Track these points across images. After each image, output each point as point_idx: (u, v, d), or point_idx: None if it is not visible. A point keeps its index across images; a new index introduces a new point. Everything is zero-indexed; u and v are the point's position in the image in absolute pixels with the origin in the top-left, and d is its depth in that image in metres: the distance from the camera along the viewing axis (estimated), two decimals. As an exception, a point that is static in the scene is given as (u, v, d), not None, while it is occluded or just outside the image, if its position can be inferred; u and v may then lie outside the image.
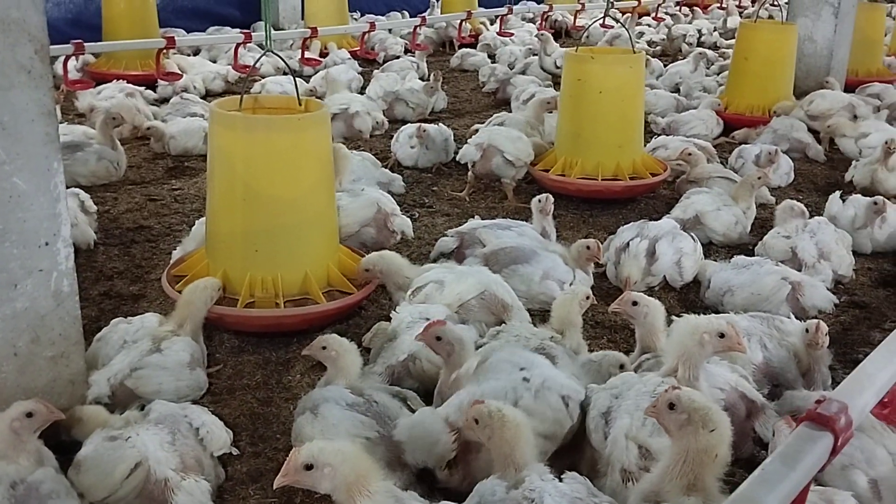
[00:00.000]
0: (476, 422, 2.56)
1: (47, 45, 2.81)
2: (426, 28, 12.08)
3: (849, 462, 2.69)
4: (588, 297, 3.69)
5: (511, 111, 7.81)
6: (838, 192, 5.52)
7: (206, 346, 3.68)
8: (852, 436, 2.16)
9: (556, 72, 9.81)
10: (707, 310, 4.12)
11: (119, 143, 6.20)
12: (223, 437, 2.98)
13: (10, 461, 2.60)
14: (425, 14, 12.63)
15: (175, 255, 4.53)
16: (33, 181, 2.83)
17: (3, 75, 2.69)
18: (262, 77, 8.90)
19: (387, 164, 6.54)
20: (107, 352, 3.47)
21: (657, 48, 12.73)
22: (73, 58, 8.54)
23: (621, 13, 13.69)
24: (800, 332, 3.54)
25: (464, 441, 2.78)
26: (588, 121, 5.90)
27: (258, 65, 4.76)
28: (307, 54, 10.06)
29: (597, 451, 2.82)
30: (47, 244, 2.91)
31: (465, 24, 12.49)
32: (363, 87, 9.04)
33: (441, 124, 6.98)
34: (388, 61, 10.56)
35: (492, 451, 2.56)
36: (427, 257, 4.83)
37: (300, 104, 4.23)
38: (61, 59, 8.10)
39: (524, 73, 9.88)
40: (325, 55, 10.51)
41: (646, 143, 6.55)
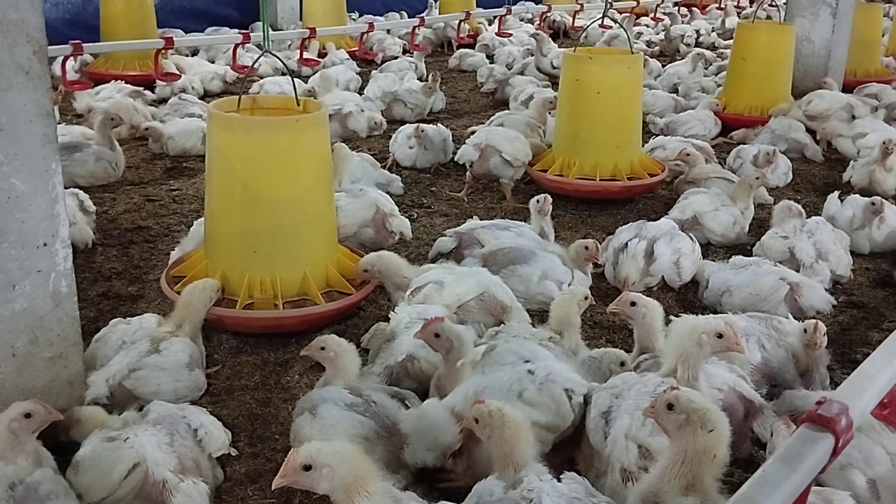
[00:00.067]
0: (476, 421, 2.57)
1: (45, 46, 2.81)
2: (424, 28, 12.10)
3: (847, 462, 2.69)
4: (586, 298, 3.69)
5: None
6: (836, 193, 5.53)
7: (204, 346, 3.67)
8: (853, 437, 2.16)
9: (553, 72, 9.81)
10: (705, 310, 4.13)
11: (117, 144, 6.21)
12: (222, 438, 2.97)
13: (8, 462, 2.60)
14: (424, 14, 12.66)
15: (174, 256, 4.52)
16: (31, 182, 2.83)
17: (1, 76, 2.69)
18: (261, 77, 8.90)
19: (385, 165, 6.54)
20: (105, 352, 3.47)
21: (655, 48, 12.75)
22: (72, 58, 8.55)
23: (619, 13, 13.70)
24: (798, 332, 3.55)
25: (468, 431, 2.78)
26: (586, 121, 5.89)
27: (256, 65, 4.76)
28: (305, 55, 10.05)
29: (596, 451, 2.82)
30: (45, 245, 2.91)
31: (463, 24, 12.50)
32: (361, 88, 9.04)
33: (439, 125, 6.98)
34: (386, 62, 10.55)
35: (491, 451, 2.57)
36: (425, 258, 4.83)
37: (298, 105, 4.23)
38: (59, 59, 8.09)
39: (522, 74, 9.88)
40: (323, 55, 10.50)
41: (644, 143, 6.55)
